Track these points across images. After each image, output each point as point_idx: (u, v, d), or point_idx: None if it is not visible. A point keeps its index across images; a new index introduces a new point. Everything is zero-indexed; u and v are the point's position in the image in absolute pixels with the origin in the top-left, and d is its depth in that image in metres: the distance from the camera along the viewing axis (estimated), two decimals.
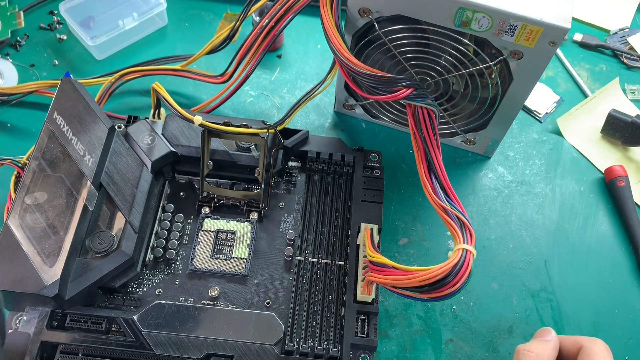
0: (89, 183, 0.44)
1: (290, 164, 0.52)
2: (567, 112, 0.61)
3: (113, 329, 0.43)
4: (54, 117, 0.47)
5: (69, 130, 0.46)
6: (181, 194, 0.50)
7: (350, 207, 0.49)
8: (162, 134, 0.49)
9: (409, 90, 0.41)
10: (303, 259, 0.47)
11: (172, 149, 0.49)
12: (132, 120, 0.52)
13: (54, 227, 0.43)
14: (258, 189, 0.49)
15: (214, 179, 0.50)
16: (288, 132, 0.52)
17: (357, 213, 0.48)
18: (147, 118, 0.52)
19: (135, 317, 0.43)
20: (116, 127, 0.50)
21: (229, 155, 0.49)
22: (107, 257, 0.43)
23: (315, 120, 0.60)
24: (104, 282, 0.43)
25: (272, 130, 0.48)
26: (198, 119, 0.45)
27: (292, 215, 0.49)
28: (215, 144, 0.49)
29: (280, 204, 0.50)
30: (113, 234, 0.44)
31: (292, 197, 0.50)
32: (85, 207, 0.44)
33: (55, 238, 0.42)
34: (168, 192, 0.50)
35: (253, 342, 0.42)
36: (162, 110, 0.52)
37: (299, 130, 0.52)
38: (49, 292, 0.40)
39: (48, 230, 0.42)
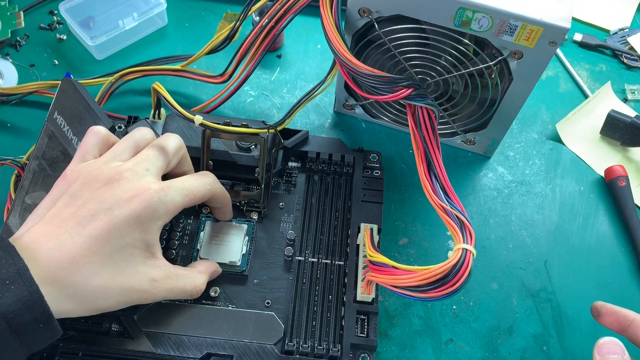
0: None
1: (290, 164, 0.52)
2: (565, 117, 0.61)
3: (113, 329, 0.43)
4: (54, 117, 0.47)
5: (70, 130, 0.46)
6: None
7: (350, 207, 0.49)
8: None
9: (409, 90, 0.41)
10: (303, 259, 0.47)
11: None
12: (132, 120, 0.52)
13: None
14: (258, 189, 0.49)
15: None
16: (288, 132, 0.52)
17: (357, 213, 0.48)
18: (147, 118, 0.52)
19: (135, 317, 0.43)
20: (116, 127, 0.50)
21: (229, 155, 0.49)
22: None
23: (315, 120, 0.60)
24: None
25: (272, 131, 0.48)
26: (198, 119, 0.46)
27: (292, 215, 0.49)
28: (215, 144, 0.49)
29: (280, 204, 0.50)
30: None
31: (292, 197, 0.50)
32: None
33: None
34: None
35: (253, 342, 0.42)
36: (162, 110, 0.52)
37: (299, 131, 0.52)
38: None
39: None
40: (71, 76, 0.60)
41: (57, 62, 0.62)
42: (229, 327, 0.43)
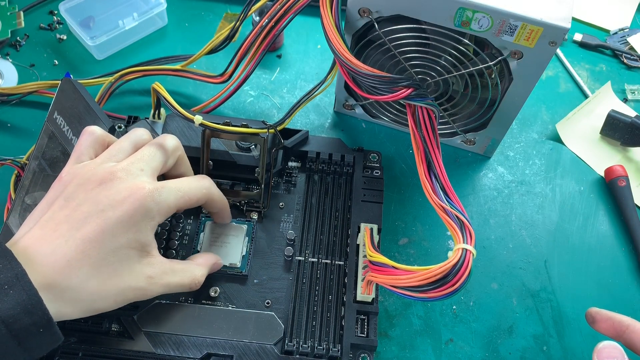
0: None
1: (290, 164, 0.52)
2: (565, 117, 0.61)
3: (113, 329, 0.43)
4: (54, 117, 0.47)
5: (69, 130, 0.46)
6: None
7: (350, 207, 0.49)
8: None
9: (409, 90, 0.41)
10: (303, 259, 0.47)
11: None
12: (132, 120, 0.52)
13: None
14: (258, 189, 0.49)
15: (214, 179, 0.50)
16: (288, 132, 0.52)
17: (357, 213, 0.48)
18: (147, 118, 0.52)
19: (135, 317, 0.43)
20: (116, 127, 0.50)
21: (229, 155, 0.49)
22: None
23: (315, 120, 0.60)
24: None
25: (272, 130, 0.48)
26: (198, 119, 0.45)
27: (292, 215, 0.49)
28: (215, 144, 0.49)
29: (280, 204, 0.50)
30: None
31: (292, 197, 0.50)
32: None
33: None
34: None
35: (253, 342, 0.42)
36: (162, 110, 0.52)
37: (299, 130, 0.52)
38: None
39: None
40: (71, 76, 0.60)
41: (57, 62, 0.62)
42: (229, 327, 0.43)
